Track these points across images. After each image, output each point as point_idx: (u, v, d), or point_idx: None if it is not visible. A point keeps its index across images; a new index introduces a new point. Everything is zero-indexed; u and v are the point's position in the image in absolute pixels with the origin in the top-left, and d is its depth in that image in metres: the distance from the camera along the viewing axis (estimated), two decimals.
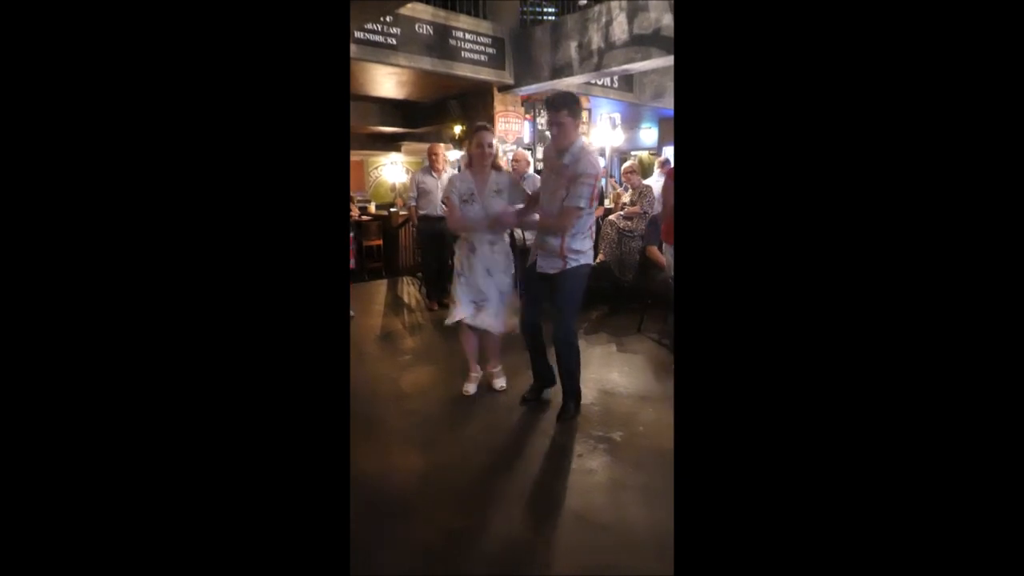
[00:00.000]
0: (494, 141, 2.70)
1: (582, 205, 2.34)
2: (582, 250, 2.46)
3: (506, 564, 1.62)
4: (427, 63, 5.68)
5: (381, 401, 2.84)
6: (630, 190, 4.90)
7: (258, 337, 0.79)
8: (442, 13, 5.79)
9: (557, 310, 2.48)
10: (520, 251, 3.69)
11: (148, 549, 0.75)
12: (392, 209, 7.00)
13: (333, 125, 0.83)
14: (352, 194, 7.35)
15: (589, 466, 2.15)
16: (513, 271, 2.80)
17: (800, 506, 0.74)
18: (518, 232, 4.86)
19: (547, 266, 2.48)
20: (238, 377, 0.79)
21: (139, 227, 0.76)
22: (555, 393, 2.70)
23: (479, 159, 2.65)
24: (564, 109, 2.31)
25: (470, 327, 2.77)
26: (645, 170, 6.31)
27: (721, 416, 0.77)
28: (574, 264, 2.43)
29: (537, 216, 2.57)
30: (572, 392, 2.58)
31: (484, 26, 6.15)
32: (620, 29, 5.44)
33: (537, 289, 2.56)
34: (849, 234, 0.73)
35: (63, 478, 0.73)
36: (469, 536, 1.75)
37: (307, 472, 0.80)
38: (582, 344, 3.88)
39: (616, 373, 3.13)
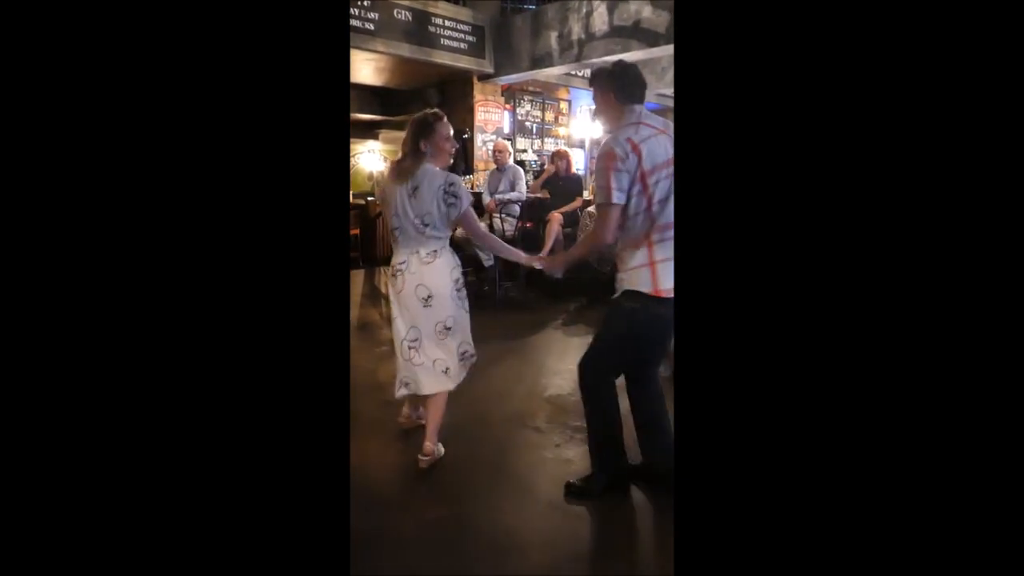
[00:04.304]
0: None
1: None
2: None
3: (484, 553, 1.64)
4: (405, 50, 5.60)
5: (359, 392, 2.81)
6: None
7: (256, 331, 0.78)
8: None
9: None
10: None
11: (146, 548, 0.74)
12: (369, 198, 6.88)
13: (332, 117, 0.82)
14: None
15: (566, 455, 2.17)
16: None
17: (801, 507, 0.73)
18: (496, 222, 4.61)
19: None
20: (237, 373, 0.77)
21: (134, 219, 0.74)
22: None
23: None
24: (598, 79, 1.84)
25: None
26: None
27: (721, 417, 0.77)
28: None
29: None
30: None
31: (464, 13, 6.08)
32: (600, 20, 5.44)
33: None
34: (851, 231, 0.72)
35: (62, 477, 0.72)
36: (446, 525, 1.75)
37: (307, 470, 0.79)
38: (560, 335, 3.94)
39: None
